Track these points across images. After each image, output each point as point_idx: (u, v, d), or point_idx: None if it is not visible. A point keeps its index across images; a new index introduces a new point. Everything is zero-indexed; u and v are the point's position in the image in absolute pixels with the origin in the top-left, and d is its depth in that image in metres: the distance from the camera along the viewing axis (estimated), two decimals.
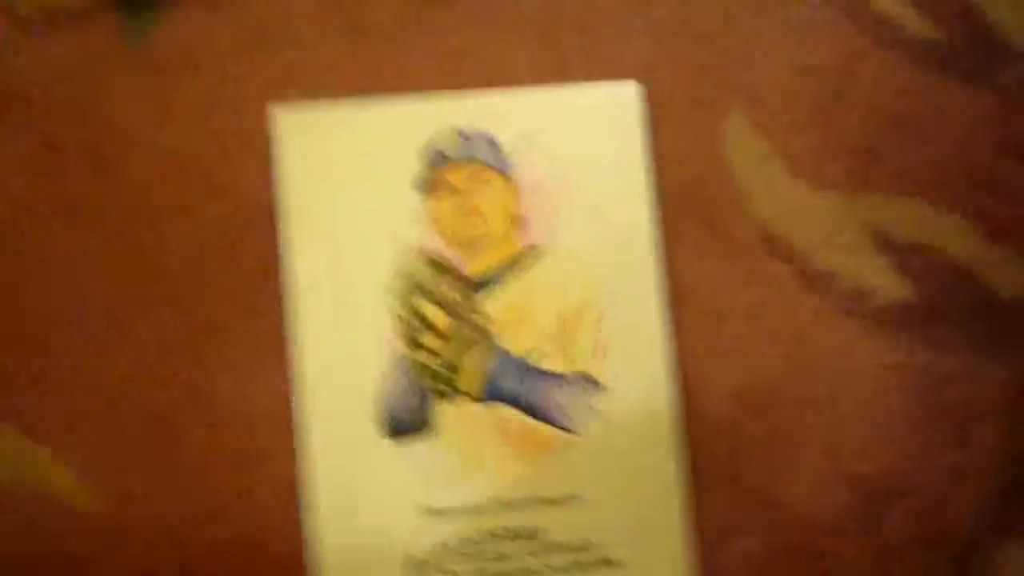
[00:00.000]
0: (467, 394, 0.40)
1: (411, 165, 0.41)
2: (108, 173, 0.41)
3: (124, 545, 0.40)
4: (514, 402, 0.40)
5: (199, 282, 0.41)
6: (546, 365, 0.40)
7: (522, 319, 0.41)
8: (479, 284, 0.41)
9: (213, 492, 0.40)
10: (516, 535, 0.40)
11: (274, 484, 0.40)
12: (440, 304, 0.40)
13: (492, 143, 0.41)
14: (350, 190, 0.40)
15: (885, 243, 0.43)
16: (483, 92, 0.42)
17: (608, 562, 0.40)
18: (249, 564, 0.40)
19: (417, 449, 0.40)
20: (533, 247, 0.41)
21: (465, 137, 0.41)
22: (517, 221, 0.41)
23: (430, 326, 0.40)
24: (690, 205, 0.42)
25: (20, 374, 0.40)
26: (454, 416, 0.40)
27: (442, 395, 0.40)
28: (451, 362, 0.40)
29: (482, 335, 0.40)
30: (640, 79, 0.42)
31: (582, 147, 0.41)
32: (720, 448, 0.41)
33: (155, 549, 0.40)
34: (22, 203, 0.41)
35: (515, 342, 0.40)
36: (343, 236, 0.40)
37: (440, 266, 0.40)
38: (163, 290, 0.41)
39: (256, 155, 0.41)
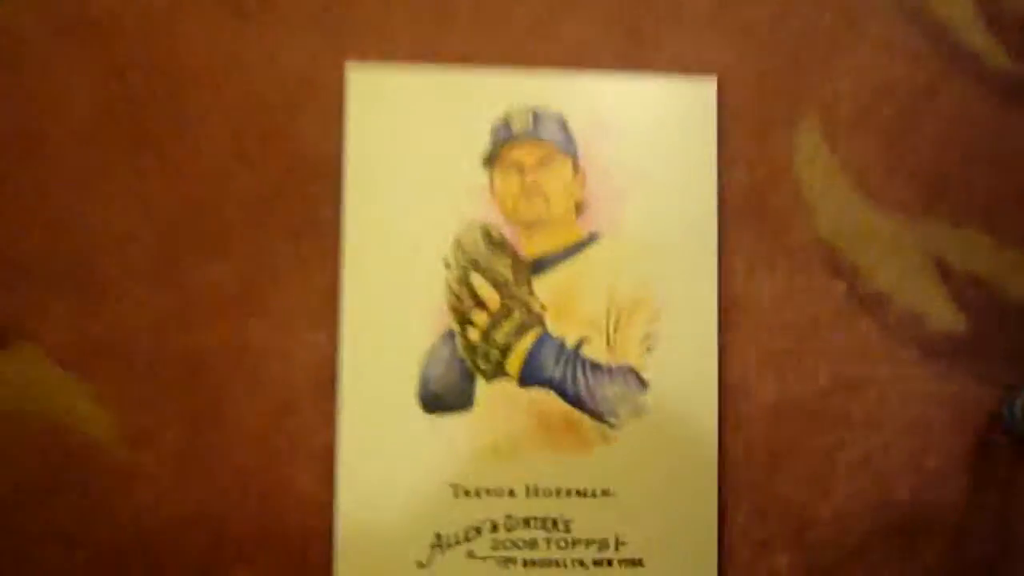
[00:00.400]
0: (510, 376, 0.39)
1: (480, 138, 0.40)
2: (173, 111, 0.40)
3: (139, 486, 0.39)
4: (557, 389, 0.39)
5: (254, 232, 0.40)
6: (593, 355, 0.40)
7: (573, 306, 0.40)
8: (535, 266, 0.40)
9: (242, 444, 0.39)
10: (546, 524, 0.39)
11: (307, 445, 0.39)
12: (494, 282, 0.39)
13: (563, 125, 0.40)
14: (416, 156, 0.40)
15: (944, 271, 0.42)
16: (560, 72, 0.41)
17: (634, 562, 0.39)
18: (271, 526, 0.39)
19: (454, 427, 0.39)
20: (593, 234, 0.40)
21: (537, 116, 0.40)
22: (580, 206, 0.40)
23: (481, 303, 0.39)
24: (753, 210, 0.42)
25: (56, 296, 0.39)
26: (495, 397, 0.39)
27: (485, 375, 0.39)
28: (498, 342, 0.39)
29: (532, 318, 0.39)
30: (718, 77, 0.41)
31: (654, 139, 0.40)
32: (759, 459, 0.41)
33: (171, 495, 0.39)
34: (85, 130, 0.40)
35: (564, 328, 0.40)
36: (404, 202, 0.39)
37: (498, 243, 0.40)
38: (216, 235, 0.40)
39: (326, 111, 0.40)
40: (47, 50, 0.40)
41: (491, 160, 0.40)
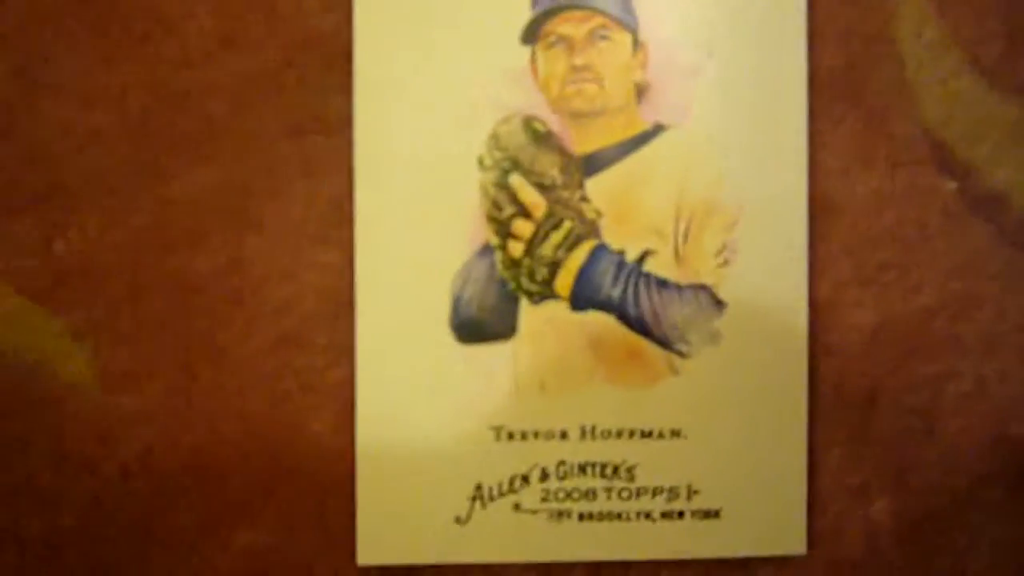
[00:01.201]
0: (561, 297, 0.32)
1: (519, 9, 0.32)
2: None
3: (124, 435, 0.32)
4: (616, 312, 0.32)
5: (246, 129, 0.32)
6: (659, 271, 0.33)
7: (636, 213, 0.33)
8: (588, 165, 0.33)
9: (242, 384, 0.33)
10: (604, 471, 0.33)
11: (320, 383, 0.33)
12: (539, 185, 0.32)
13: None
14: (442, 34, 0.32)
15: None
16: None
17: (710, 513, 0.33)
18: (280, 478, 0.33)
19: (495, 359, 0.32)
20: (658, 125, 0.33)
21: None
22: (641, 91, 0.33)
23: (525, 211, 0.32)
24: (848, 95, 0.34)
25: (14, 214, 0.32)
26: (542, 323, 0.32)
27: (530, 296, 0.32)
28: (545, 257, 0.32)
29: (586, 227, 0.32)
30: None
31: (731, 7, 0.33)
32: (856, 394, 0.34)
33: (161, 445, 0.32)
34: (42, 15, 0.32)
35: (624, 239, 0.33)
36: (429, 91, 0.32)
37: (544, 138, 0.32)
38: (202, 133, 0.32)
39: None
40: None
41: (532, 35, 0.32)
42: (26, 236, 0.32)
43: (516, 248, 0.32)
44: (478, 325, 0.32)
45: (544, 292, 0.32)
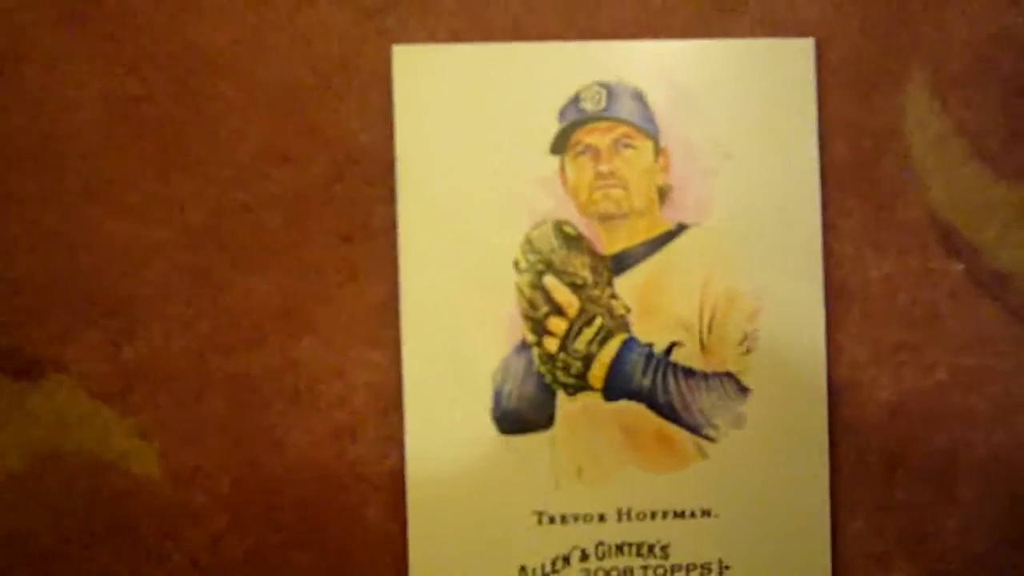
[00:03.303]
0: (594, 388, 0.34)
1: (547, 123, 0.34)
2: (197, 106, 0.34)
3: (193, 526, 0.34)
4: (647, 401, 0.34)
5: (298, 240, 0.34)
6: (686, 361, 0.34)
7: (661, 306, 0.34)
8: (616, 263, 0.34)
9: (300, 476, 0.34)
10: (640, 550, 0.34)
11: (373, 474, 0.34)
12: (572, 284, 0.34)
13: (641, 100, 0.34)
14: (477, 146, 0.34)
15: None
16: (632, 42, 0.34)
17: None
18: (339, 565, 0.34)
19: (534, 448, 0.34)
20: (680, 224, 0.34)
21: (611, 92, 0.34)
22: (664, 193, 0.34)
23: (559, 309, 0.34)
24: (858, 185, 0.35)
25: (85, 322, 0.34)
26: (578, 413, 0.34)
27: (566, 389, 0.34)
28: (579, 351, 0.34)
29: (616, 323, 0.34)
30: (814, 37, 0.35)
31: (745, 110, 0.34)
32: (875, 467, 0.35)
33: (229, 535, 0.34)
34: (100, 135, 0.34)
35: (652, 332, 0.34)
36: (466, 199, 0.34)
37: (574, 241, 0.34)
38: (256, 246, 0.34)
39: (371, 100, 0.34)
40: (50, 45, 0.34)
41: (560, 146, 0.34)
42: (97, 344, 0.34)
43: (551, 344, 0.34)
44: (518, 416, 0.34)
45: (579, 384, 0.34)
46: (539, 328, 0.34)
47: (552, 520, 0.34)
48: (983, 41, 0.36)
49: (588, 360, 0.34)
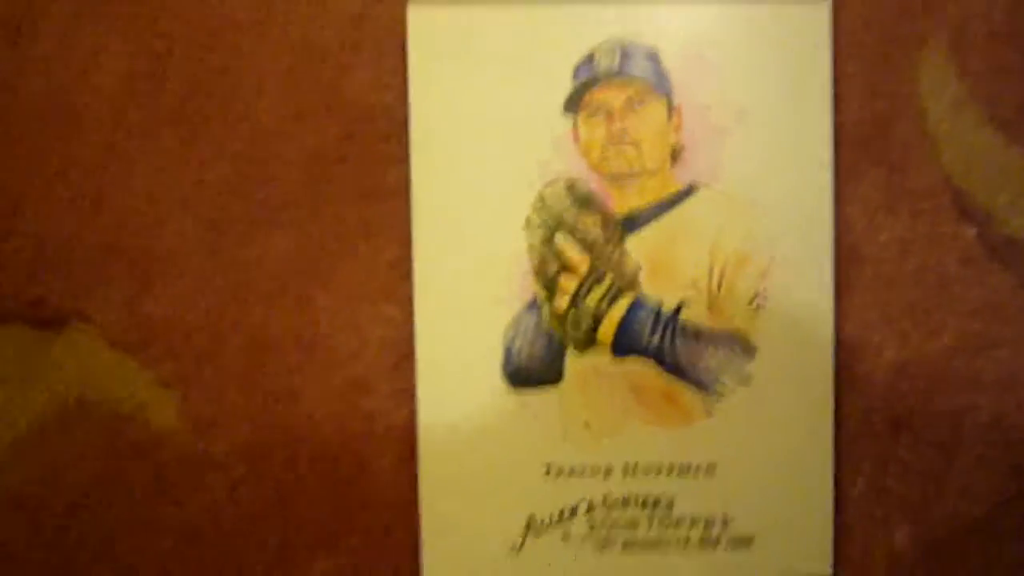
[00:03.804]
0: (603, 346, 0.34)
1: (561, 81, 0.34)
2: (214, 66, 0.35)
3: (211, 476, 0.35)
4: (655, 358, 0.34)
5: (315, 199, 0.35)
6: (694, 319, 0.34)
7: (671, 266, 0.34)
8: (627, 222, 0.34)
9: (316, 428, 0.35)
10: (645, 504, 0.35)
11: (385, 426, 0.35)
12: (583, 243, 0.34)
13: (655, 60, 0.34)
14: (491, 106, 0.34)
15: None
16: (647, 1, 0.34)
17: (742, 540, 0.35)
18: (353, 512, 0.35)
19: (544, 402, 0.34)
20: (692, 184, 0.34)
21: (625, 52, 0.34)
22: (676, 153, 0.34)
23: (570, 267, 0.34)
24: (872, 148, 0.35)
25: (108, 276, 0.35)
26: (587, 369, 0.34)
27: (575, 345, 0.34)
28: (589, 309, 0.34)
29: (626, 281, 0.34)
30: None
31: (759, 71, 0.34)
32: (880, 427, 0.36)
33: (246, 484, 0.35)
34: (120, 97, 0.35)
35: (662, 291, 0.34)
36: (479, 158, 0.34)
37: (586, 200, 0.34)
38: (274, 205, 0.35)
39: (386, 59, 0.34)
40: (69, 10, 0.34)
41: (574, 105, 0.34)
42: (119, 296, 0.35)
43: (562, 302, 0.34)
44: (528, 372, 0.34)
45: (588, 341, 0.34)
46: (550, 285, 0.34)
47: (560, 472, 0.34)
48: (1001, 6, 0.35)
49: (598, 318, 0.34)
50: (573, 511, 0.34)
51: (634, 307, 0.34)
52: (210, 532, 0.35)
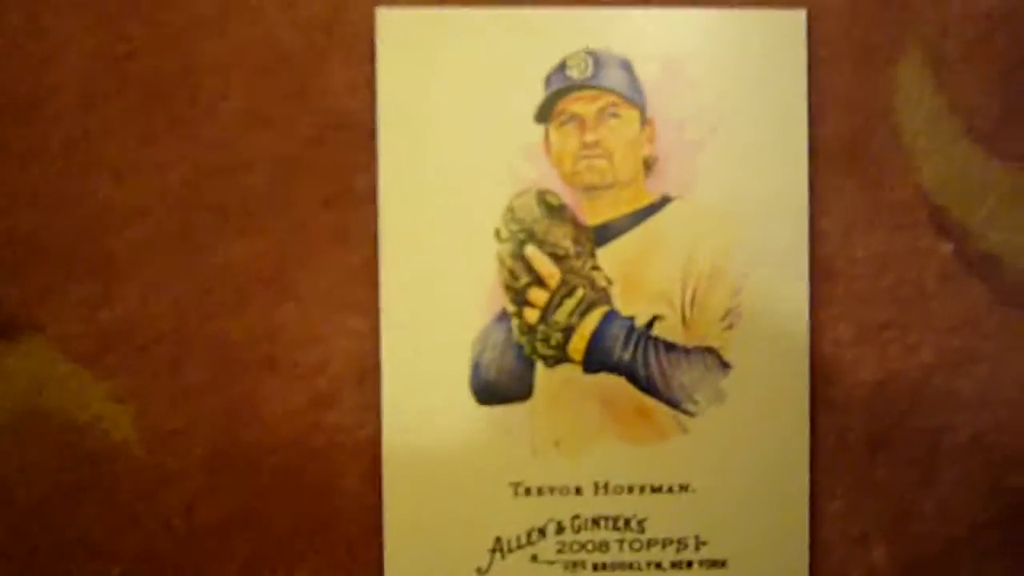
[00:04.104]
0: (574, 361, 0.33)
1: (533, 90, 0.33)
2: (180, 65, 0.33)
3: (168, 490, 0.34)
4: (626, 374, 0.33)
5: (279, 204, 0.34)
6: (667, 335, 0.34)
7: (644, 280, 0.34)
8: (599, 235, 0.33)
9: (278, 442, 0.34)
10: (617, 524, 0.34)
11: (350, 441, 0.34)
12: (553, 255, 0.33)
13: (628, 69, 0.33)
14: (461, 113, 0.33)
15: None
16: (621, 9, 0.34)
17: (717, 563, 0.34)
18: (315, 531, 0.34)
19: (512, 419, 0.33)
20: (665, 197, 0.34)
21: (597, 60, 0.33)
22: (649, 165, 0.34)
23: (540, 280, 0.33)
24: (848, 162, 0.35)
25: (63, 282, 0.33)
26: (557, 385, 0.33)
27: (545, 360, 0.33)
28: (559, 323, 0.33)
29: (598, 295, 0.33)
30: (806, 8, 0.34)
31: (734, 82, 0.33)
32: (857, 445, 0.35)
33: (204, 499, 0.34)
34: (82, 93, 0.34)
35: (634, 305, 0.33)
36: (448, 166, 0.33)
37: (557, 211, 0.33)
38: (237, 211, 0.34)
39: (355, 63, 0.33)
40: (27, 7, 0.33)
41: (545, 114, 0.33)
42: (74, 305, 0.34)
43: (532, 315, 0.33)
44: (496, 387, 0.33)
45: (558, 356, 0.33)
46: (519, 298, 0.33)
47: (528, 492, 0.33)
48: (980, 17, 0.35)
49: (568, 332, 0.33)
50: (542, 532, 0.33)
51: (606, 321, 0.33)
52: (166, 549, 0.34)
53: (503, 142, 0.33)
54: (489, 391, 0.33)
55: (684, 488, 0.33)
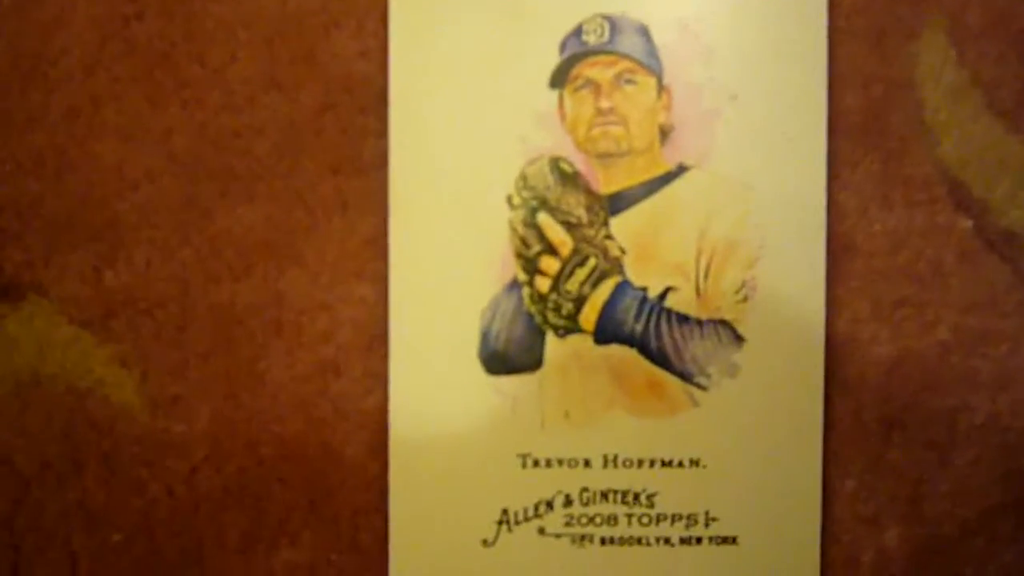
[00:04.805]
0: (585, 331, 0.33)
1: (547, 55, 0.33)
2: (190, 29, 0.33)
3: (171, 457, 0.33)
4: (638, 346, 0.33)
5: (287, 170, 0.33)
6: (680, 307, 0.33)
7: (657, 250, 0.33)
8: (613, 203, 0.33)
9: (283, 411, 0.33)
10: (626, 498, 0.33)
11: (355, 411, 0.33)
12: (566, 223, 0.33)
13: (645, 35, 0.33)
14: (473, 79, 0.32)
15: None
16: None
17: (727, 540, 0.33)
18: (319, 501, 0.33)
19: (521, 389, 0.33)
20: (681, 166, 0.33)
21: (614, 26, 0.33)
22: (665, 133, 0.33)
23: (552, 248, 0.33)
24: (867, 136, 0.34)
25: (68, 246, 0.33)
26: (567, 356, 0.33)
27: (556, 330, 0.33)
28: (571, 292, 0.33)
29: (610, 265, 0.33)
30: None
31: (753, 52, 0.33)
32: (871, 426, 0.34)
33: (207, 467, 0.33)
34: (90, 56, 0.33)
35: (646, 276, 0.33)
36: (460, 132, 0.32)
37: (570, 178, 0.33)
38: (245, 177, 0.33)
39: (368, 26, 0.33)
40: None
41: (560, 80, 0.33)
42: (79, 269, 0.33)
43: (543, 284, 0.33)
44: (505, 357, 0.33)
45: (569, 326, 0.33)
46: (531, 267, 0.32)
47: (537, 463, 0.33)
48: None
49: (580, 302, 0.33)
50: (550, 504, 0.33)
51: (618, 292, 0.32)
52: (167, 518, 0.33)
53: (516, 108, 0.32)
54: (498, 361, 0.32)
55: (695, 463, 0.33)
